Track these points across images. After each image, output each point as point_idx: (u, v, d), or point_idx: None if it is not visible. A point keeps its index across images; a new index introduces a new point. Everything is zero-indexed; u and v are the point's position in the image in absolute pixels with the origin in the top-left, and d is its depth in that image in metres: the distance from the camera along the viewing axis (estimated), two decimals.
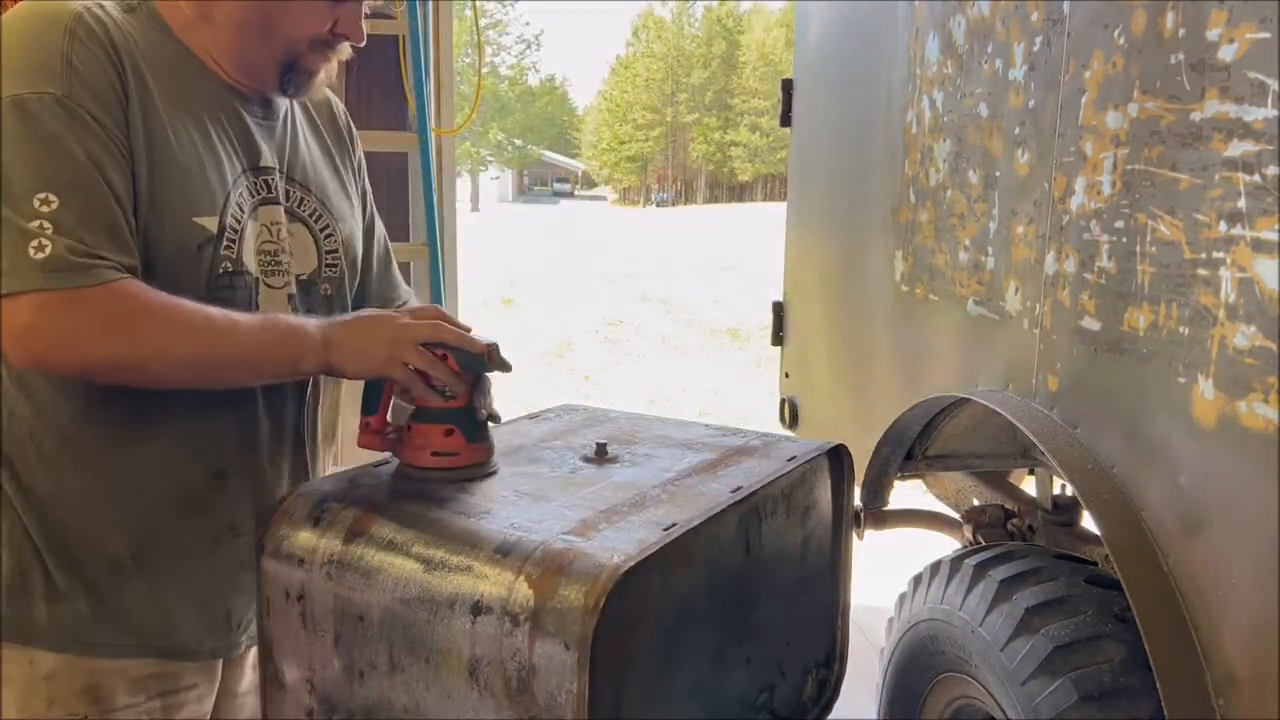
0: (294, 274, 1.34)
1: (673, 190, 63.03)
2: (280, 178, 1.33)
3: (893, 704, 2.23)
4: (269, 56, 1.27)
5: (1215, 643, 1.41)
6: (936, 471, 2.58)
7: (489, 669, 1.00)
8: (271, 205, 1.31)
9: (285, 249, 1.33)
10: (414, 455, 1.26)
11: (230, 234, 1.24)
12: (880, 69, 2.50)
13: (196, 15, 1.25)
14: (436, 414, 1.25)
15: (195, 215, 1.21)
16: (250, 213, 1.27)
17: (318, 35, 1.27)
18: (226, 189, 1.24)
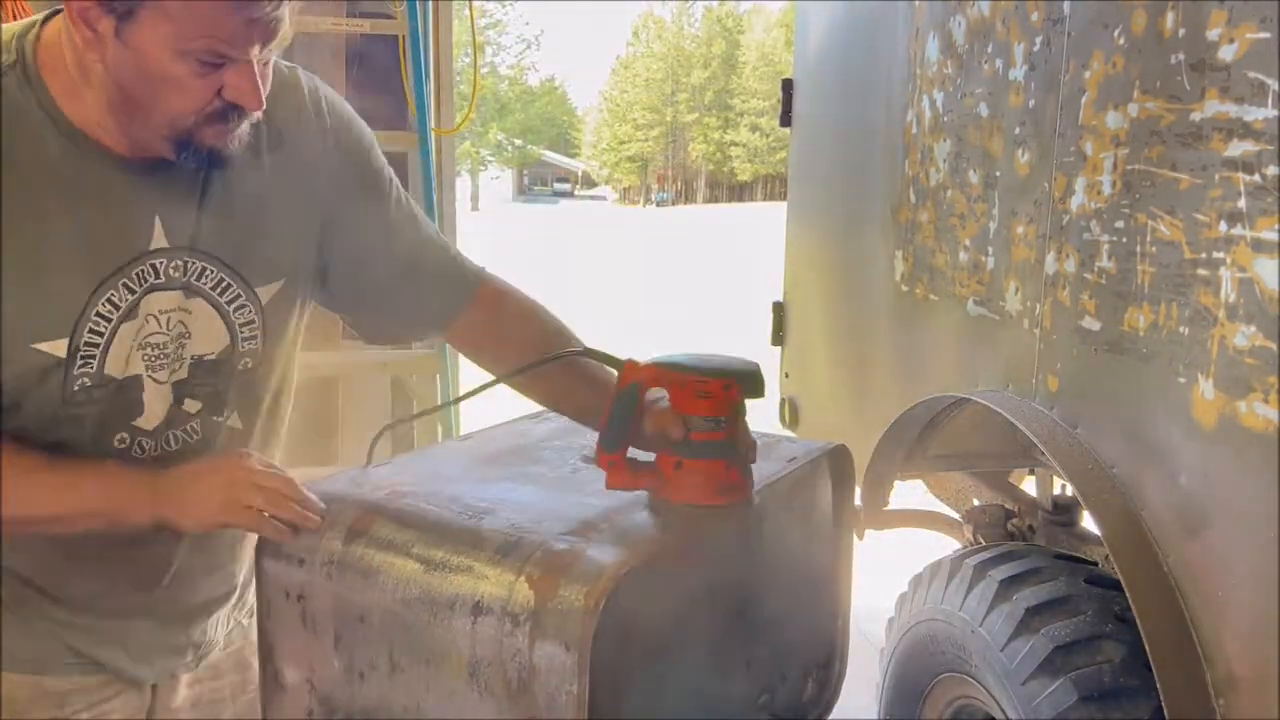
0: (190, 357, 1.20)
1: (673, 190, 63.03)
2: (177, 255, 1.15)
3: (893, 704, 2.23)
4: (154, 134, 1.07)
5: (1215, 643, 1.41)
6: (936, 471, 2.58)
7: (489, 670, 1.00)
8: (159, 292, 1.14)
9: (185, 332, 1.18)
10: (696, 495, 1.16)
11: (87, 350, 1.11)
12: (880, 69, 2.50)
13: (78, 79, 1.05)
14: (713, 448, 1.16)
15: (35, 342, 1.08)
16: (127, 313, 1.13)
17: (201, 110, 1.05)
18: (82, 302, 1.09)
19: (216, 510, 1.12)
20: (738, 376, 1.16)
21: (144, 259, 1.12)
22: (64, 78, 1.06)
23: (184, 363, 1.19)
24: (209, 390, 1.22)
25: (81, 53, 1.02)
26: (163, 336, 1.16)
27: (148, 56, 0.99)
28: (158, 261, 1.13)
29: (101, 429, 1.16)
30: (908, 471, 2.48)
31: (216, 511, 1.12)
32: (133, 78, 1.01)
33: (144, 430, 1.19)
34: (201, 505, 1.11)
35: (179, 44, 0.99)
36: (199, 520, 1.13)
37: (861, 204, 2.65)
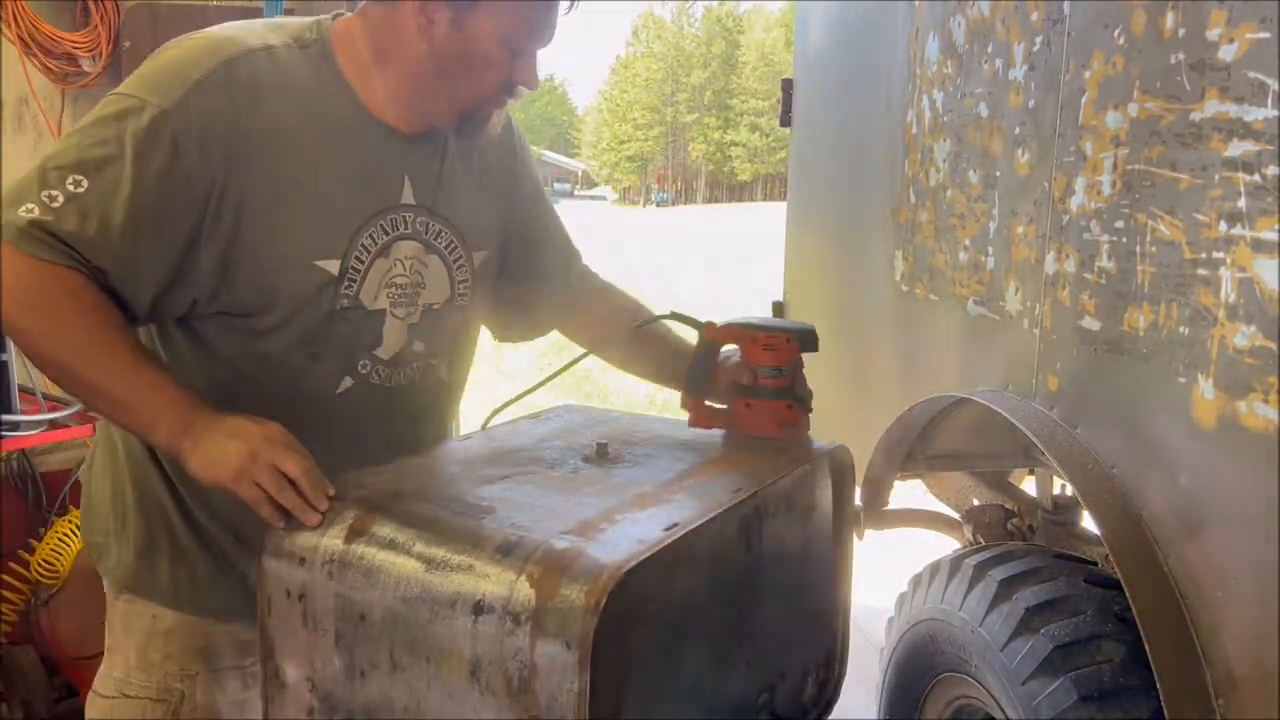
0: (423, 304, 1.39)
1: (673, 190, 63.04)
2: (421, 213, 1.37)
3: (893, 704, 2.23)
4: (446, 107, 1.32)
5: (1215, 643, 1.41)
6: (936, 471, 2.58)
7: (490, 668, 1.00)
8: (405, 240, 1.36)
9: (420, 280, 1.38)
10: (762, 427, 1.44)
11: (352, 274, 1.30)
12: (880, 69, 2.50)
13: (371, 61, 1.30)
14: (775, 391, 1.45)
15: (316, 259, 1.28)
16: (380, 250, 1.33)
17: (496, 89, 1.31)
18: (353, 230, 1.30)
19: (230, 475, 1.16)
20: (797, 333, 1.47)
21: (397, 209, 1.34)
22: (354, 59, 1.30)
23: (418, 308, 1.38)
24: (432, 335, 1.41)
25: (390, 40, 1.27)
26: (405, 279, 1.36)
27: (475, 41, 1.26)
28: (406, 214, 1.35)
29: (350, 350, 1.34)
30: (908, 471, 2.48)
31: (229, 476, 1.16)
32: (454, 57, 1.27)
33: (381, 360, 1.37)
34: (217, 463, 1.17)
35: (503, 33, 1.26)
36: (209, 475, 1.18)
37: (861, 204, 2.65)
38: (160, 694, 1.36)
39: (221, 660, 1.38)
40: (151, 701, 1.36)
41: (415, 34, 1.26)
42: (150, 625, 1.36)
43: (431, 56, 1.27)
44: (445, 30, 1.25)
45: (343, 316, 1.31)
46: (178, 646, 1.36)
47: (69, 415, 2.40)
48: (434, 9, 1.24)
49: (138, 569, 1.36)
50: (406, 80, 1.30)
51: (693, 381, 1.47)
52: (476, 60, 1.28)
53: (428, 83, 1.29)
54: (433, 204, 1.38)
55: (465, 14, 1.25)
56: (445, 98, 1.31)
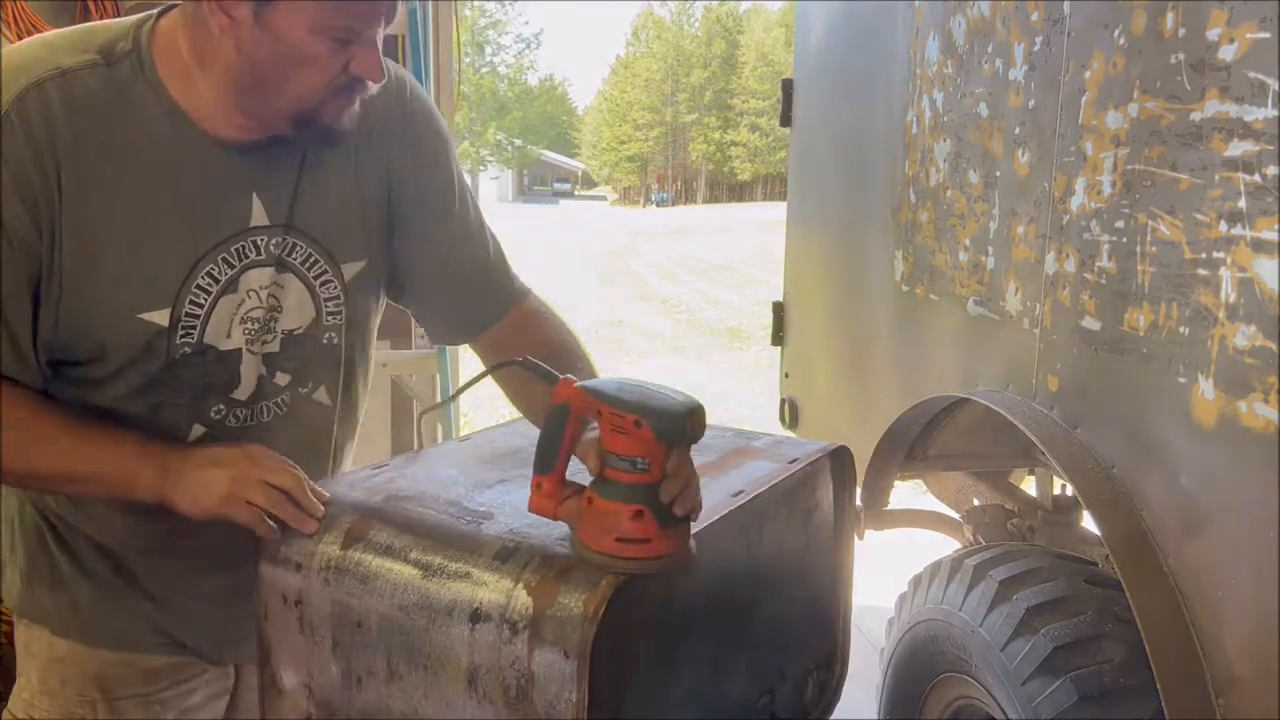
0: (281, 330, 1.27)
1: (673, 190, 63.04)
2: (275, 233, 1.23)
3: (893, 704, 2.22)
4: (278, 113, 1.15)
5: (1215, 643, 1.41)
6: (936, 471, 2.58)
7: (488, 677, 1.00)
8: (256, 269, 1.22)
9: (276, 306, 1.25)
10: (595, 537, 1.02)
11: (189, 320, 1.19)
12: (880, 69, 2.50)
13: (193, 65, 1.14)
14: (624, 490, 1.02)
15: (141, 312, 1.16)
16: (226, 286, 1.20)
17: (329, 85, 1.13)
18: (182, 275, 1.17)
19: (217, 502, 1.14)
20: (653, 415, 0.99)
21: (244, 235, 1.20)
22: (176, 65, 1.14)
23: (275, 336, 1.26)
24: (296, 363, 1.29)
25: (205, 40, 1.11)
26: (260, 310, 1.23)
27: (285, 36, 1.08)
28: (258, 239, 1.21)
29: (200, 398, 1.23)
30: (908, 471, 2.47)
31: (217, 504, 1.14)
32: (268, 57, 1.10)
33: (239, 401, 1.26)
34: (204, 494, 1.14)
35: (316, 23, 1.08)
36: (200, 508, 1.15)
37: (861, 204, 2.65)
38: (64, 717, 1.31)
39: (122, 688, 1.31)
40: None
41: (220, 36, 1.09)
42: (48, 650, 1.31)
43: (242, 58, 1.10)
44: (250, 29, 1.08)
45: (186, 362, 1.20)
46: (73, 673, 1.31)
47: None
48: (231, 6, 1.07)
49: (24, 594, 1.31)
50: (226, 85, 1.13)
51: (538, 452, 1.09)
52: (292, 57, 1.10)
53: (247, 87, 1.12)
54: (290, 220, 1.23)
55: (266, 9, 1.07)
56: (271, 101, 1.14)
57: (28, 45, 1.16)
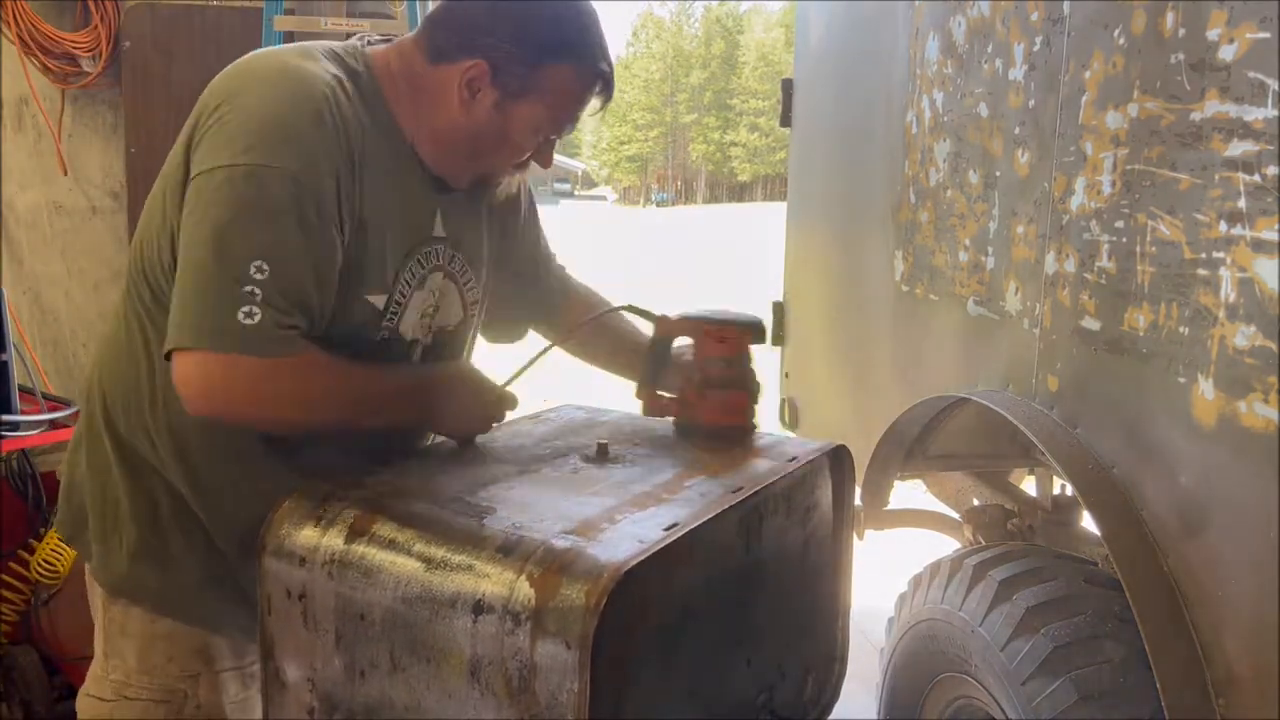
0: (436, 326, 1.44)
1: (673, 190, 63.03)
2: (448, 244, 1.41)
3: (893, 704, 2.23)
4: (468, 171, 1.38)
5: (1215, 643, 1.41)
6: (936, 471, 2.58)
7: (490, 668, 1.00)
8: (436, 272, 1.40)
9: (436, 306, 1.43)
10: (713, 415, 1.49)
11: (394, 307, 1.34)
12: (880, 69, 2.50)
13: (409, 103, 1.32)
14: (725, 381, 1.49)
15: (368, 293, 1.30)
16: (418, 284, 1.37)
17: (517, 163, 1.38)
18: (398, 266, 1.33)
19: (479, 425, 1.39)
20: (746, 325, 1.51)
21: (430, 242, 1.38)
22: (393, 91, 1.32)
23: (430, 332, 1.43)
24: (443, 355, 1.47)
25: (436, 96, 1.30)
26: (432, 307, 1.41)
27: (513, 127, 1.32)
28: (438, 247, 1.40)
29: None
30: (908, 471, 2.47)
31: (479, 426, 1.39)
32: (490, 136, 1.32)
33: None
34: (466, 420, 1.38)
35: (539, 124, 1.33)
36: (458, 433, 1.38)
37: (861, 204, 2.65)
38: (164, 695, 1.36)
39: (221, 662, 1.38)
40: (154, 703, 1.36)
41: (456, 103, 1.29)
42: (149, 628, 1.36)
43: (468, 128, 1.31)
44: (488, 109, 1.29)
45: (384, 347, 1.35)
46: (179, 649, 1.36)
47: (69, 415, 2.40)
48: (479, 87, 1.28)
49: (130, 574, 1.35)
50: (437, 136, 1.33)
51: (648, 372, 1.55)
52: (509, 142, 1.33)
53: (456, 147, 1.34)
54: (454, 235, 1.42)
55: (510, 101, 1.29)
56: (469, 163, 1.36)
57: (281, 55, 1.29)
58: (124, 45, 2.97)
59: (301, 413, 1.24)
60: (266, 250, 1.16)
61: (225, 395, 1.17)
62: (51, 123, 3.08)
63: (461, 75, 1.27)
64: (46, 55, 2.95)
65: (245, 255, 1.15)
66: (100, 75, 3.01)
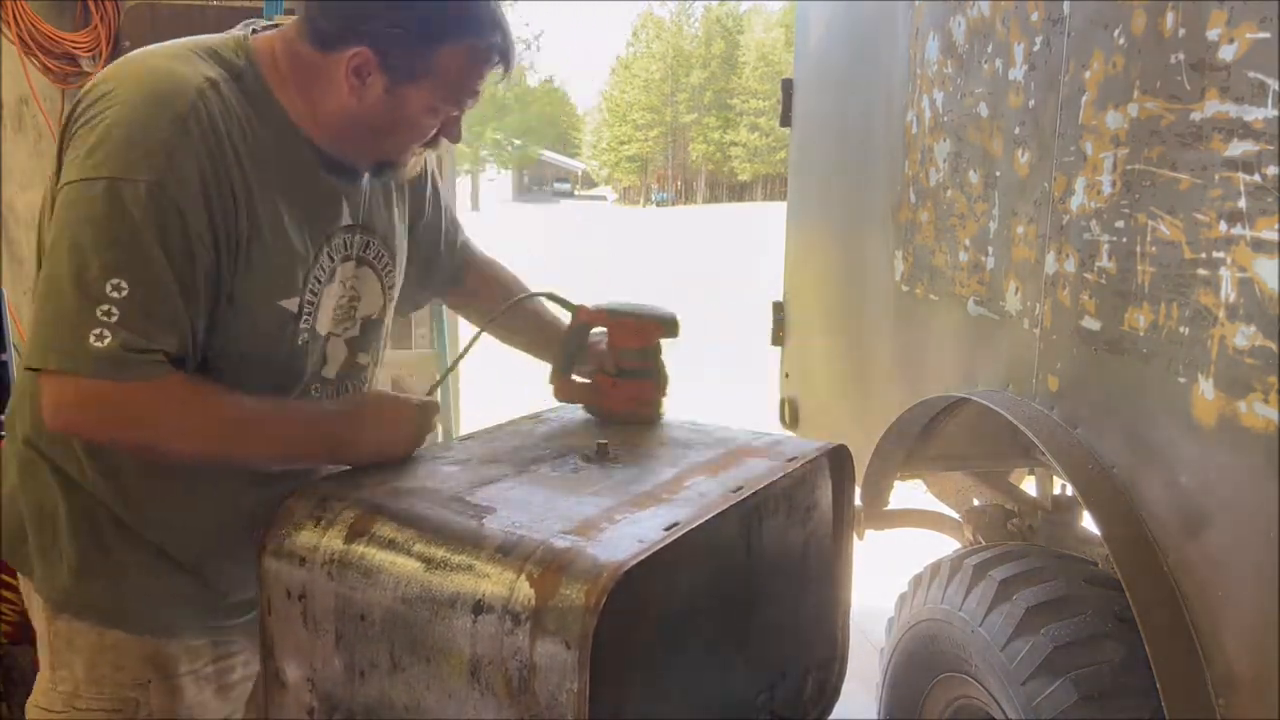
0: (360, 316, 1.42)
1: (673, 190, 63.05)
2: (356, 231, 1.38)
3: (893, 704, 2.23)
4: (366, 155, 1.33)
5: (1215, 643, 1.41)
6: (936, 471, 2.58)
7: (490, 668, 1.00)
8: (346, 262, 1.37)
9: (356, 294, 1.41)
10: (620, 405, 1.56)
11: (308, 308, 1.32)
12: (880, 69, 2.50)
13: (297, 91, 1.27)
14: (640, 373, 1.56)
15: (280, 299, 1.28)
16: (329, 278, 1.34)
17: (421, 141, 1.33)
18: (307, 266, 1.30)
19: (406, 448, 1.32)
20: (660, 320, 1.56)
21: (339, 233, 1.35)
22: (277, 80, 1.27)
23: (356, 322, 1.42)
24: (373, 344, 1.47)
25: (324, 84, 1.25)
26: (347, 298, 1.39)
27: (407, 110, 1.27)
28: (346, 236, 1.36)
29: (308, 379, 1.36)
30: (908, 471, 2.47)
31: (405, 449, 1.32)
32: (383, 120, 1.27)
33: (329, 379, 1.41)
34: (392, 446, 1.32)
35: (436, 102, 1.27)
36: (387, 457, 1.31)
37: (861, 204, 2.65)
38: (115, 704, 1.33)
39: (175, 667, 1.36)
40: (106, 712, 1.33)
41: (346, 90, 1.24)
42: (97, 641, 1.33)
43: (360, 114, 1.26)
44: (379, 95, 1.24)
45: (305, 350, 1.33)
46: (127, 658, 1.33)
47: None
48: (368, 73, 1.23)
49: (74, 590, 1.32)
50: (331, 123, 1.28)
51: (563, 358, 1.61)
52: (404, 122, 1.28)
53: (351, 134, 1.29)
54: (365, 221, 1.39)
55: (401, 85, 1.24)
56: (368, 149, 1.32)
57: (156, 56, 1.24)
58: (124, 45, 2.97)
59: (159, 438, 1.19)
60: (124, 268, 1.12)
61: (76, 417, 1.15)
62: (51, 123, 3.08)
63: (348, 63, 1.22)
64: (46, 55, 2.96)
65: (101, 275, 1.11)
66: None
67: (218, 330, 1.24)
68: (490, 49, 1.27)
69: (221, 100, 1.21)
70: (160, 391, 1.16)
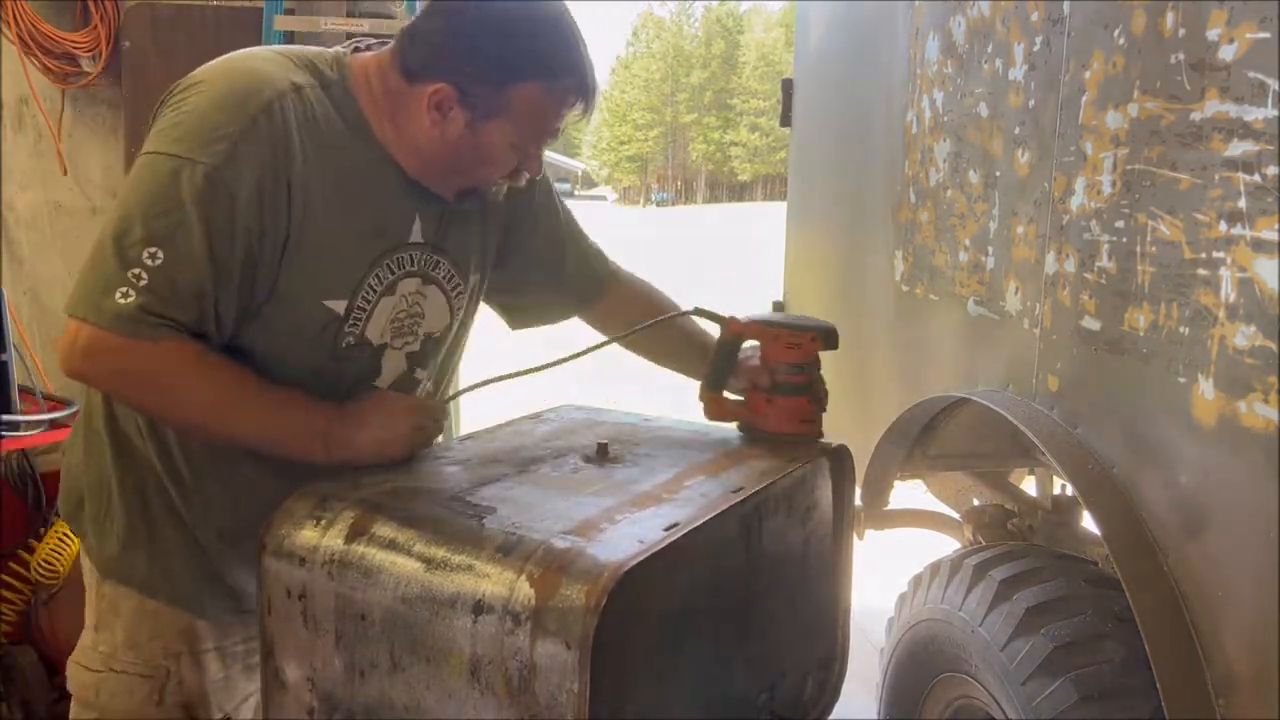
0: (424, 333, 1.45)
1: (673, 190, 63.05)
2: (425, 250, 1.40)
3: (893, 704, 2.23)
4: (450, 183, 1.36)
5: (1215, 643, 1.41)
6: (936, 471, 2.58)
7: (490, 668, 1.00)
8: (410, 278, 1.39)
9: (420, 311, 1.43)
10: (782, 424, 1.48)
11: (358, 313, 1.34)
12: (880, 69, 2.50)
13: (387, 114, 1.31)
14: (795, 388, 1.48)
15: (326, 299, 1.31)
16: (386, 289, 1.36)
17: (502, 175, 1.37)
18: (362, 273, 1.33)
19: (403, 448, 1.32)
20: (820, 332, 1.48)
21: (405, 248, 1.37)
22: (368, 101, 1.32)
23: (418, 338, 1.44)
24: (430, 361, 1.49)
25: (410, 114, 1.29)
26: (407, 312, 1.41)
27: (487, 145, 1.30)
28: (413, 253, 1.39)
29: (352, 384, 1.38)
30: (908, 471, 2.47)
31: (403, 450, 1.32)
32: (465, 153, 1.31)
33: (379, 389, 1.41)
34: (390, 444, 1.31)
35: (515, 140, 1.31)
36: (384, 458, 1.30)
37: (861, 204, 2.65)
38: (148, 671, 1.40)
39: (204, 642, 1.42)
40: (140, 678, 1.40)
41: (429, 123, 1.29)
42: (138, 607, 1.40)
43: (441, 146, 1.30)
44: (459, 129, 1.28)
45: (348, 354, 1.35)
46: (164, 628, 1.40)
47: (69, 415, 2.40)
48: (448, 108, 1.27)
49: (121, 558, 1.39)
50: (415, 150, 1.32)
51: (713, 375, 1.53)
52: (485, 158, 1.32)
53: (435, 162, 1.33)
54: (437, 241, 1.41)
55: (481, 121, 1.28)
56: (450, 177, 1.36)
57: (253, 58, 1.30)
58: (124, 45, 2.97)
59: (155, 397, 1.25)
60: (163, 240, 1.18)
61: (84, 364, 1.21)
62: (51, 123, 3.08)
63: (430, 98, 1.27)
64: (46, 55, 2.95)
65: (141, 241, 1.17)
66: (100, 75, 3.02)
67: (262, 321, 1.28)
68: (568, 90, 1.30)
69: (303, 105, 1.26)
70: (164, 352, 1.20)
